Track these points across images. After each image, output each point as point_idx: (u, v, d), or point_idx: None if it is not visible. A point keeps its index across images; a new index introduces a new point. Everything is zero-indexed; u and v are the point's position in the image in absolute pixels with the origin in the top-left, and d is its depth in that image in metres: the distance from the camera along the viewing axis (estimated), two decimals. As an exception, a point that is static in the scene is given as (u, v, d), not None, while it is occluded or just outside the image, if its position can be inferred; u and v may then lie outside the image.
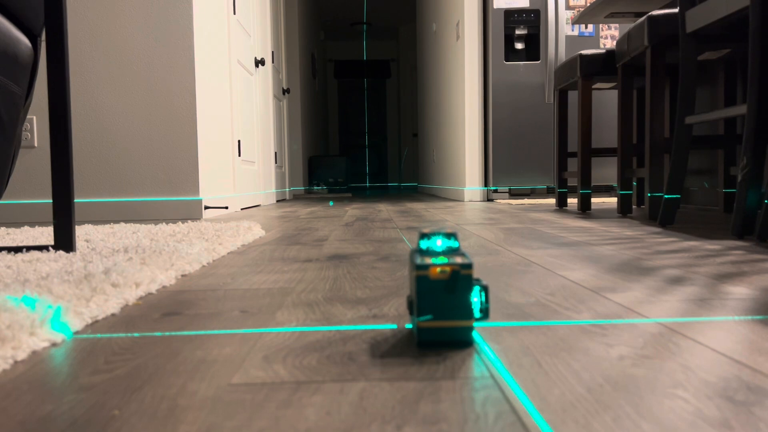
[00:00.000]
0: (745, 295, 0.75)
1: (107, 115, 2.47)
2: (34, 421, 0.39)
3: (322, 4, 8.01)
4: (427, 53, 5.87)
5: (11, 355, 0.52)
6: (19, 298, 0.71)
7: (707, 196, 2.52)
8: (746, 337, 0.55)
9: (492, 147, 3.75)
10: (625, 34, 2.11)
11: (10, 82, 1.03)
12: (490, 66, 3.73)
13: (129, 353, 0.54)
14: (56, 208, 1.22)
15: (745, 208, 1.35)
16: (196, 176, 2.49)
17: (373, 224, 2.01)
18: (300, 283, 0.90)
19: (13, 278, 0.89)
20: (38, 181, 2.47)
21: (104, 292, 0.77)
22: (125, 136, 2.48)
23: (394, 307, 0.71)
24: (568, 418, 0.38)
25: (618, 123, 2.23)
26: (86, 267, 0.98)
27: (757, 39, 1.33)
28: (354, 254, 1.22)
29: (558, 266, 1.01)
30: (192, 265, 1.04)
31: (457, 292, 0.53)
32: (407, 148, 9.71)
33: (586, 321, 0.63)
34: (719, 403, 0.39)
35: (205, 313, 0.70)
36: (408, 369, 0.48)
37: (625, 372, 0.46)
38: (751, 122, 1.34)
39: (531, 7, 3.69)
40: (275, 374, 0.47)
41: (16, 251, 1.26)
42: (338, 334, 0.60)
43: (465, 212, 2.61)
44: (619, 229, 1.68)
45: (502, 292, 0.79)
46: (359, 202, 3.95)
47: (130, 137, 2.48)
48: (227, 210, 2.88)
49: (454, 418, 0.38)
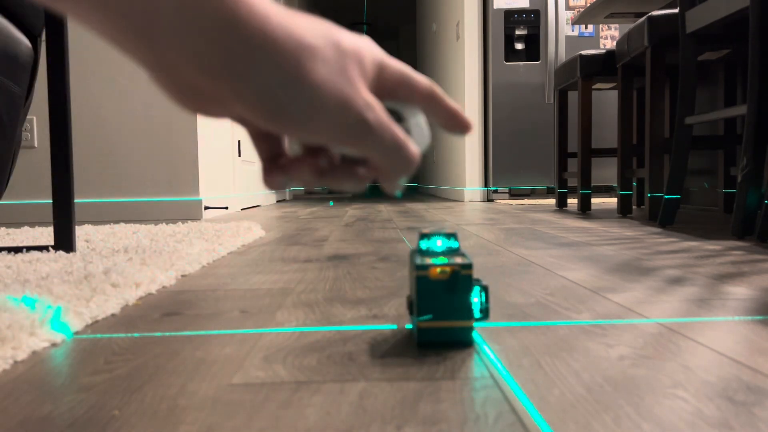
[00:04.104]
0: (745, 295, 0.75)
1: (107, 115, 2.47)
2: (34, 421, 0.39)
3: (322, 5, 8.01)
4: (427, 53, 5.87)
5: (11, 355, 0.52)
6: (19, 299, 0.71)
7: (707, 196, 2.52)
8: (746, 338, 0.55)
9: (492, 147, 3.75)
10: (625, 35, 2.11)
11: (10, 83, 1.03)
12: (490, 66, 3.73)
13: (129, 353, 0.54)
14: (56, 208, 1.22)
15: (745, 209, 1.35)
16: (196, 176, 2.49)
17: (373, 224, 2.01)
18: (300, 283, 0.90)
19: (13, 278, 0.89)
20: (38, 181, 2.47)
21: (104, 293, 0.77)
22: (125, 137, 2.48)
23: (394, 308, 0.71)
24: (568, 418, 0.38)
25: (618, 123, 2.23)
26: (86, 267, 0.98)
27: (757, 39, 1.33)
28: (354, 254, 1.22)
29: (558, 266, 1.01)
30: (192, 266, 1.04)
31: (457, 292, 0.53)
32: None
33: (586, 321, 0.63)
34: (719, 404, 0.40)
35: (205, 314, 0.70)
36: (408, 369, 0.48)
37: (625, 372, 0.46)
38: (751, 122, 1.34)
39: (531, 7, 3.69)
40: (275, 374, 0.47)
41: (16, 251, 1.26)
42: (338, 335, 0.60)
43: (465, 212, 2.61)
44: (619, 229, 1.68)
45: (502, 293, 0.79)
46: (359, 203, 3.96)
47: (130, 137, 2.48)
48: (227, 210, 2.88)
49: (454, 419, 0.38)
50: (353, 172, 0.34)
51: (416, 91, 0.34)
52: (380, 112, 0.30)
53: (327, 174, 0.33)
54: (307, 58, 0.27)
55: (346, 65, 0.29)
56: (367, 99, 0.29)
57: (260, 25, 0.26)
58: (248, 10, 0.26)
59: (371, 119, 0.29)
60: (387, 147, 0.30)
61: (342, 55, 0.29)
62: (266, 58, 0.26)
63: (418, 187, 7.01)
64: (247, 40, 0.26)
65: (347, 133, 0.29)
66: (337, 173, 0.33)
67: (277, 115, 0.28)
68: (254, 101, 0.27)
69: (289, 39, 0.27)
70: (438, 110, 0.35)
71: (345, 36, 0.30)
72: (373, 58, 0.31)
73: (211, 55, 0.26)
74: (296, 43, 0.27)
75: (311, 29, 0.28)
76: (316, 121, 0.28)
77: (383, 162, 0.31)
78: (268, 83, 0.27)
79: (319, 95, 0.28)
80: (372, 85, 0.32)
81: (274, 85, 0.27)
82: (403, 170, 0.32)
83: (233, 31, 0.26)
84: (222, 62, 0.26)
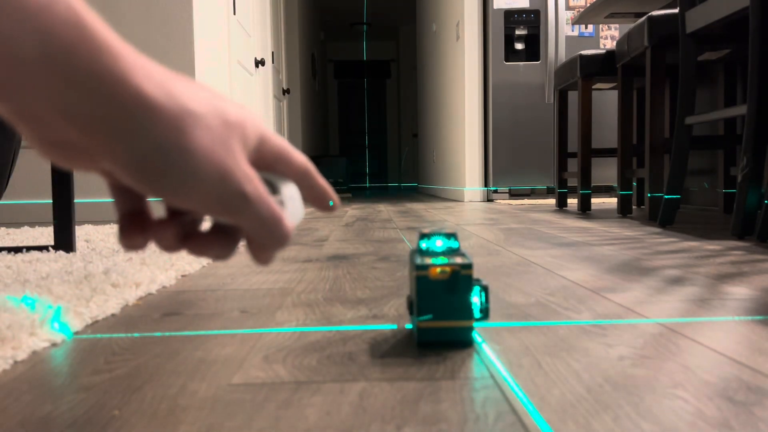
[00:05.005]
0: (745, 295, 0.75)
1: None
2: (34, 421, 0.39)
3: (322, 5, 8.01)
4: (427, 53, 5.87)
5: (11, 355, 0.52)
6: (19, 299, 0.71)
7: (707, 196, 2.52)
8: (746, 338, 0.55)
9: (492, 147, 3.75)
10: (625, 35, 2.11)
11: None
12: (490, 66, 3.73)
13: (129, 353, 0.54)
14: (56, 208, 1.22)
15: (745, 209, 1.35)
16: (196, 176, 2.49)
17: (373, 224, 2.01)
18: (300, 283, 0.90)
19: (13, 278, 0.89)
20: (38, 181, 2.47)
21: (104, 293, 0.77)
22: (125, 137, 2.47)
23: (394, 308, 0.71)
24: (568, 418, 0.38)
25: (618, 123, 2.23)
26: (86, 267, 0.98)
27: (757, 39, 1.33)
28: (354, 254, 1.22)
29: (558, 266, 1.01)
30: (192, 265, 1.04)
31: (457, 292, 0.53)
32: (407, 148, 9.72)
33: (586, 321, 0.63)
34: (719, 404, 0.40)
35: (205, 314, 0.70)
36: (408, 369, 0.48)
37: (625, 372, 0.46)
38: (751, 122, 1.34)
39: (531, 7, 3.69)
40: (275, 374, 0.47)
41: (16, 251, 1.26)
42: (338, 335, 0.60)
43: (465, 212, 2.61)
44: (619, 229, 1.68)
45: (502, 293, 0.79)
46: (359, 202, 3.95)
47: (130, 137, 2.48)
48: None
49: (454, 418, 0.38)
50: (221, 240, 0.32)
51: (292, 167, 0.34)
52: (259, 185, 0.29)
53: (191, 240, 0.32)
54: (189, 124, 0.26)
55: (228, 136, 0.28)
56: (246, 171, 0.29)
57: (140, 85, 0.25)
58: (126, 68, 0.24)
59: (249, 192, 0.29)
60: (263, 220, 0.30)
61: (225, 126, 0.28)
62: (145, 121, 0.25)
63: (418, 187, 7.01)
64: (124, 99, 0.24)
65: (224, 203, 0.28)
66: (203, 240, 0.32)
67: (151, 179, 0.26)
68: (129, 163, 0.26)
69: (170, 103, 0.26)
70: (310, 187, 0.36)
71: (230, 106, 0.29)
72: (256, 131, 0.31)
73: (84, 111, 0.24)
74: (178, 108, 0.26)
75: (196, 96, 0.27)
76: (192, 189, 0.27)
77: (257, 234, 0.31)
78: (146, 146, 0.25)
79: (199, 164, 0.27)
80: (252, 157, 0.31)
81: (152, 148, 0.25)
82: (276, 244, 0.31)
83: (109, 88, 0.24)
84: (97, 119, 0.24)
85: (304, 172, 0.35)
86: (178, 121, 0.26)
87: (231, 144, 0.28)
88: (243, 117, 0.30)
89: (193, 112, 0.27)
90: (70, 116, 0.24)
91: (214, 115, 0.28)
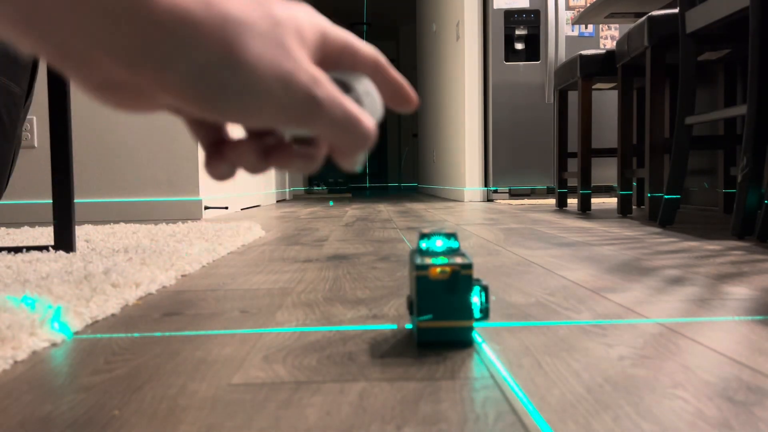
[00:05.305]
0: (745, 295, 0.75)
1: (107, 115, 2.47)
2: (34, 421, 0.39)
3: (322, 5, 8.01)
4: (427, 53, 5.87)
5: (11, 355, 0.52)
6: (19, 299, 0.71)
7: (707, 196, 2.52)
8: (746, 338, 0.55)
9: (492, 147, 3.75)
10: (625, 35, 2.11)
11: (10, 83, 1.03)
12: (490, 66, 3.73)
13: (129, 353, 0.54)
14: (56, 208, 1.22)
15: (745, 209, 1.35)
16: (196, 176, 2.49)
17: (373, 224, 2.01)
18: (300, 283, 0.90)
19: (13, 278, 0.89)
20: (38, 181, 2.47)
21: (104, 293, 0.77)
22: (125, 137, 2.48)
23: (394, 308, 0.71)
24: (568, 418, 0.38)
25: (618, 123, 2.23)
26: (86, 267, 0.98)
27: (757, 39, 1.33)
28: (354, 254, 1.22)
29: (558, 266, 1.01)
30: (192, 266, 1.04)
31: (457, 292, 0.53)
32: (407, 148, 9.72)
33: (586, 321, 0.63)
34: (719, 404, 0.39)
35: (205, 313, 0.70)
36: (408, 369, 0.48)
37: (625, 372, 0.46)
38: (751, 122, 1.34)
39: (531, 7, 3.69)
40: (275, 374, 0.47)
41: (16, 251, 1.26)
42: (338, 335, 0.60)
43: (465, 212, 2.61)
44: (619, 229, 1.68)
45: (502, 293, 0.79)
46: (359, 203, 3.95)
47: (130, 137, 2.48)
48: (227, 210, 2.88)
49: (454, 418, 0.38)
50: (304, 152, 0.31)
51: (361, 60, 0.31)
52: (329, 86, 0.27)
53: (274, 155, 0.30)
54: (236, 33, 0.24)
55: (283, 37, 0.25)
56: (311, 73, 0.26)
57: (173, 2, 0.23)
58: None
59: (320, 95, 0.26)
60: (340, 123, 0.27)
61: (276, 26, 0.25)
62: (187, 40, 0.23)
63: (418, 187, 7.01)
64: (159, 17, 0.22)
65: (294, 113, 0.26)
66: (286, 154, 0.30)
67: (211, 102, 0.24)
68: (182, 89, 0.24)
69: (210, 13, 0.23)
70: (383, 81, 0.32)
71: (279, 4, 0.26)
72: (313, 27, 0.28)
73: (121, 41, 0.22)
74: (221, 18, 0.24)
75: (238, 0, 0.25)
76: (256, 104, 0.25)
77: (338, 140, 0.28)
78: (194, 67, 0.24)
79: (256, 74, 0.24)
80: (315, 56, 0.28)
81: (200, 69, 0.24)
82: (360, 146, 0.29)
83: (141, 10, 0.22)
84: (136, 49, 0.23)
85: (375, 64, 0.31)
86: (223, 33, 0.24)
87: (288, 45, 0.26)
88: (296, 14, 0.27)
89: (237, 19, 0.24)
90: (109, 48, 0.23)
91: (261, 15, 0.25)
